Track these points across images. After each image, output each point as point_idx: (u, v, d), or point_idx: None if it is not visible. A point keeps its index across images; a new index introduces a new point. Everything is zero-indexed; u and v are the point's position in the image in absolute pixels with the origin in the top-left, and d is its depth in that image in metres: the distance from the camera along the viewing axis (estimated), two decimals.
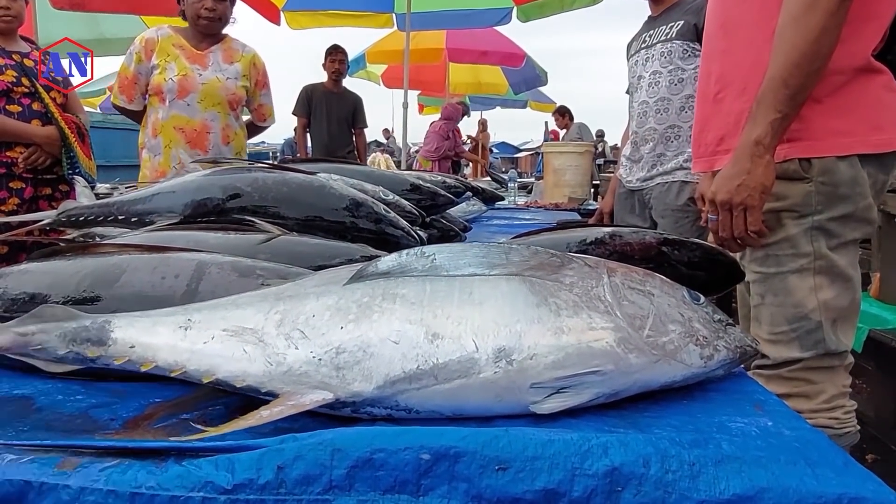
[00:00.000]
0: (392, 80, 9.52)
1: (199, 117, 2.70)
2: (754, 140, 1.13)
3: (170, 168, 2.70)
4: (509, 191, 5.19)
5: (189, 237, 1.06)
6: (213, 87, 2.71)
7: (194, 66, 2.70)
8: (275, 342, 0.67)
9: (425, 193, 1.80)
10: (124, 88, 2.77)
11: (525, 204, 4.21)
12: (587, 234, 1.28)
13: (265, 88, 2.96)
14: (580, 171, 4.42)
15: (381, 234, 1.36)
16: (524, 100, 12.04)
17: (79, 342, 0.67)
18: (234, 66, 2.79)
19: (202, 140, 2.72)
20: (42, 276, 0.84)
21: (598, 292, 0.75)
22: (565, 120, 8.95)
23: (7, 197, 2.74)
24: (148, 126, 2.76)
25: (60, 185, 2.88)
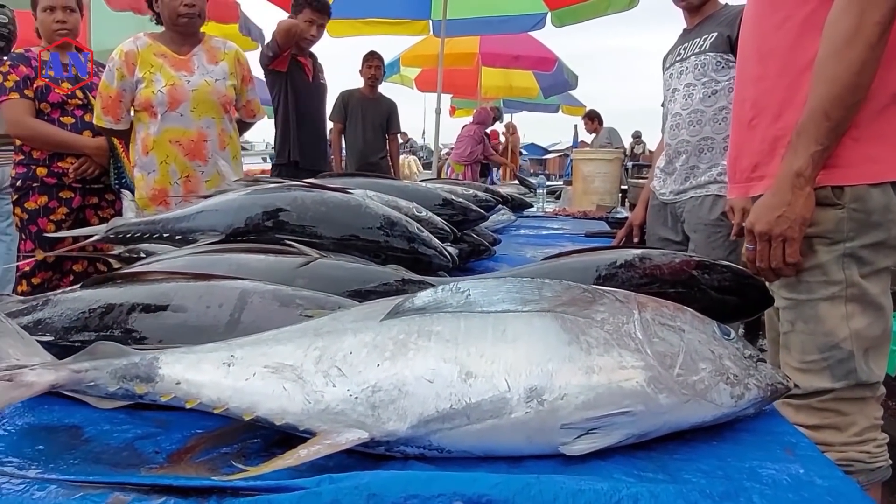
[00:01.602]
0: (425, 84, 9.58)
1: (195, 126, 2.57)
2: (795, 171, 1.14)
3: (170, 185, 2.58)
4: (538, 197, 5.19)
5: (232, 260, 1.09)
6: (203, 92, 2.58)
7: (180, 73, 2.57)
8: (313, 379, 0.69)
9: (457, 209, 1.83)
10: (109, 108, 2.60)
11: (553, 211, 4.21)
12: (617, 257, 1.29)
13: (251, 83, 2.83)
14: (609, 179, 4.41)
15: (414, 254, 1.39)
16: (556, 104, 12.02)
17: (128, 379, 0.70)
18: (220, 65, 2.66)
19: (200, 150, 2.59)
20: (93, 304, 0.88)
21: (628, 329, 0.76)
22: (594, 125, 8.90)
23: (56, 206, 2.84)
24: (137, 143, 2.62)
25: (107, 195, 2.96)
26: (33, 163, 2.81)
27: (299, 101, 3.74)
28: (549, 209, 4.52)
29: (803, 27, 1.20)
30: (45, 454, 0.74)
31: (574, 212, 4.14)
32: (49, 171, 2.80)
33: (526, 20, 6.05)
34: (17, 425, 0.81)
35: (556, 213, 4.15)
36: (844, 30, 1.10)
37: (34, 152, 2.80)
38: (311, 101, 3.81)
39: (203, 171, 2.54)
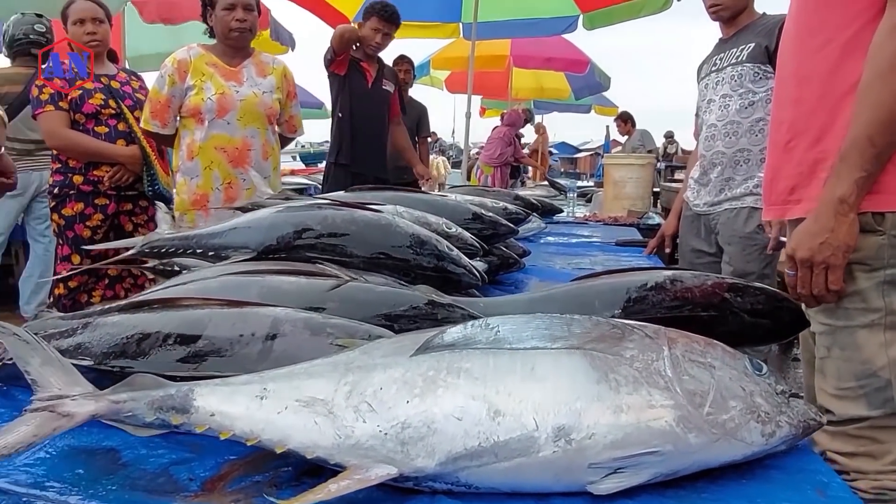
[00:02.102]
0: (455, 86, 9.57)
1: (240, 135, 2.65)
2: (838, 198, 1.12)
3: (211, 190, 2.66)
4: (568, 200, 5.16)
5: (264, 283, 1.11)
6: (250, 102, 2.66)
7: (230, 83, 2.66)
8: (344, 414, 0.70)
9: (487, 223, 1.83)
10: (157, 113, 2.69)
11: (584, 217, 4.18)
12: (647, 279, 1.28)
13: (295, 99, 2.93)
14: (641, 184, 4.37)
15: (444, 272, 1.40)
16: (588, 104, 11.92)
17: (164, 410, 0.72)
18: (268, 79, 2.75)
19: (244, 158, 2.66)
20: (131, 330, 0.91)
21: (658, 366, 0.76)
22: (627, 126, 8.81)
23: (92, 213, 2.91)
24: (182, 148, 2.71)
25: (140, 202, 3.03)
26: (70, 171, 2.88)
27: (355, 105, 3.78)
28: (580, 214, 4.49)
29: (845, 50, 1.18)
30: (84, 479, 0.77)
31: (605, 217, 4.11)
32: (85, 178, 2.87)
33: (557, 23, 6.01)
34: (58, 447, 0.84)
35: (587, 219, 4.13)
36: (890, 54, 1.08)
37: (70, 161, 2.88)
38: (368, 106, 3.84)
39: (245, 178, 2.60)
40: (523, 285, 1.99)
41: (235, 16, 2.62)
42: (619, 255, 2.63)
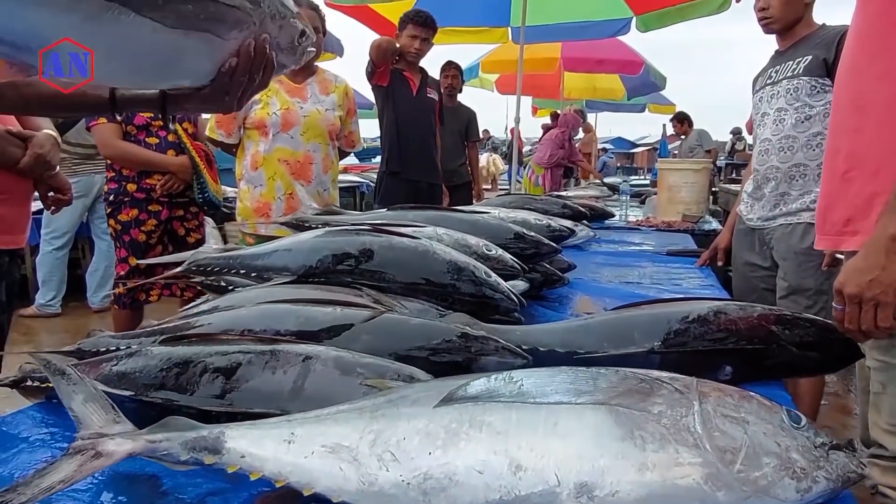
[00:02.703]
0: (505, 87, 9.52)
1: (303, 149, 2.79)
2: (890, 235, 1.08)
3: (273, 199, 2.80)
4: (621, 203, 5.06)
5: (301, 313, 1.13)
6: (314, 119, 2.80)
7: (295, 100, 2.79)
8: (368, 462, 0.71)
9: (529, 243, 1.82)
10: (222, 123, 2.83)
11: (636, 222, 4.10)
12: (690, 310, 1.25)
13: (354, 116, 3.06)
14: (696, 189, 4.25)
15: (481, 298, 1.40)
16: (642, 104, 11.70)
17: (197, 450, 0.74)
18: (331, 96, 2.89)
19: (305, 171, 2.81)
20: (170, 363, 0.94)
21: (687, 422, 0.74)
22: (684, 127, 8.59)
23: (146, 219, 3.03)
24: (246, 158, 2.84)
25: (191, 208, 3.14)
26: (123, 179, 3.01)
27: (401, 115, 3.83)
28: (633, 217, 4.40)
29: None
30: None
31: (658, 223, 4.02)
32: (138, 186, 3.00)
33: (609, 25, 5.91)
34: (104, 471, 0.87)
35: (639, 224, 4.05)
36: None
37: (124, 170, 3.00)
38: (414, 115, 3.90)
39: (306, 190, 2.70)
40: (568, 301, 1.97)
41: None
42: (670, 267, 2.57)
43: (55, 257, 4.89)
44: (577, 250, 2.85)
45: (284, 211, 2.72)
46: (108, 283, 5.10)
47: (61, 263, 4.96)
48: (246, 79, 0.93)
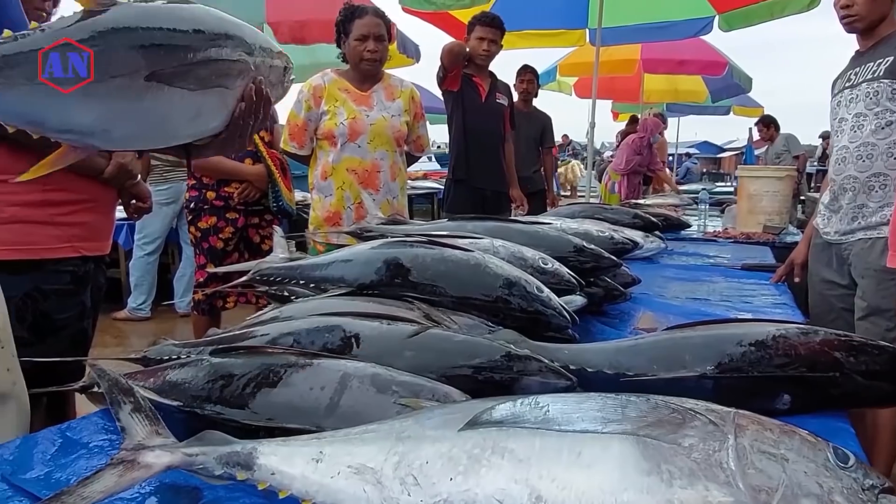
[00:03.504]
0: (584, 91, 9.37)
1: (370, 157, 2.82)
2: None
3: (343, 208, 2.86)
4: (700, 212, 4.89)
5: (347, 326, 1.16)
6: (380, 126, 2.82)
7: (361, 108, 2.83)
8: (391, 485, 0.72)
9: (588, 256, 1.79)
10: (295, 135, 2.90)
11: (713, 233, 3.95)
12: (746, 334, 1.20)
13: (422, 120, 3.07)
14: (778, 198, 4.05)
15: (532, 314, 1.38)
16: (727, 106, 11.26)
17: (231, 465, 0.77)
18: (396, 102, 2.90)
19: (373, 179, 2.84)
20: (216, 376, 0.98)
21: (720, 458, 0.71)
22: (770, 132, 8.19)
23: (224, 226, 3.17)
24: (317, 169, 2.91)
25: (266, 215, 3.26)
26: (203, 187, 3.15)
27: (469, 120, 3.85)
28: (711, 228, 4.25)
29: None
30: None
31: (736, 234, 3.87)
32: (217, 194, 3.13)
33: (690, 25, 5.73)
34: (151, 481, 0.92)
35: (716, 235, 3.90)
36: None
37: (204, 178, 3.14)
38: (482, 121, 3.89)
39: (374, 198, 2.73)
40: (629, 317, 1.92)
41: (367, 47, 2.80)
42: (743, 283, 2.46)
43: (146, 262, 5.16)
44: (646, 263, 2.78)
45: (354, 220, 2.78)
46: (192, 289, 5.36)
47: (152, 268, 5.22)
48: (252, 119, 1.05)
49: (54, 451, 1.03)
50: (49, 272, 2.02)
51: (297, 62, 4.20)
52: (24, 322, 2.01)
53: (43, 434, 1.10)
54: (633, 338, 1.34)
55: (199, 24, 0.95)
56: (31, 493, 0.89)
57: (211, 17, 0.99)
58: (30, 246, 1.97)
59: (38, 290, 2.01)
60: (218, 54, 0.96)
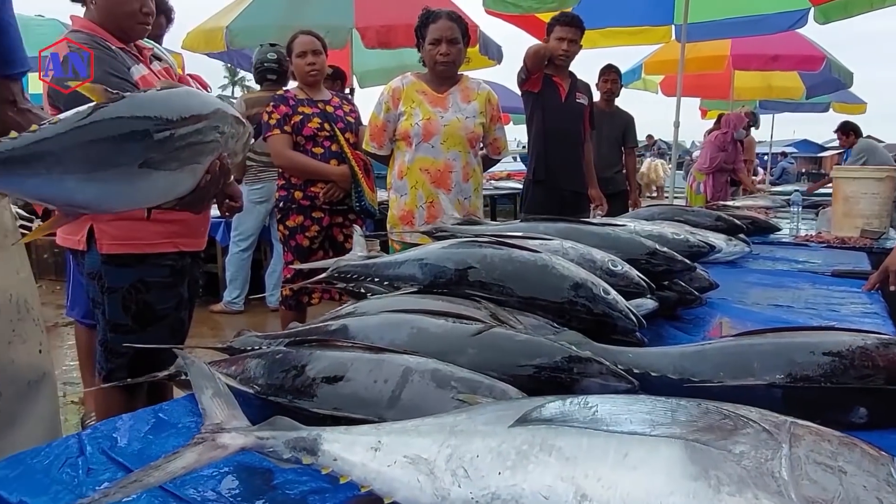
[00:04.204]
0: (670, 89, 9.07)
1: (443, 158, 2.90)
2: None
3: (416, 208, 2.95)
4: (792, 215, 4.67)
5: (414, 324, 1.20)
6: (453, 127, 2.89)
7: (436, 110, 2.91)
8: (443, 476, 0.76)
9: (661, 259, 1.76)
10: (374, 136, 3.03)
11: (805, 237, 3.77)
12: (821, 342, 1.16)
13: (499, 123, 3.11)
14: (878, 200, 3.81)
15: (599, 316, 1.39)
16: (825, 102, 10.65)
17: (297, 450, 0.83)
18: (472, 104, 2.96)
19: (445, 179, 2.91)
20: (289, 366, 1.05)
21: (772, 466, 0.71)
22: (850, 139, 7.64)
23: (310, 224, 3.30)
24: (395, 168, 3.02)
25: (349, 215, 3.38)
26: (291, 187, 3.29)
27: (548, 120, 3.85)
28: (804, 232, 4.05)
29: None
30: (239, 496, 0.91)
31: (831, 239, 3.67)
32: (304, 194, 3.27)
33: (783, 19, 5.47)
34: (229, 462, 0.99)
35: (808, 240, 3.72)
36: None
37: (292, 178, 3.29)
38: (562, 121, 3.89)
39: (446, 198, 2.81)
40: (704, 323, 1.89)
41: (440, 50, 2.90)
42: (832, 290, 2.35)
43: (240, 258, 5.43)
44: (728, 267, 2.70)
45: (426, 219, 2.85)
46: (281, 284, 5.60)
47: (245, 264, 5.48)
48: (213, 186, 1.22)
49: (147, 429, 1.13)
50: (151, 265, 2.18)
51: (383, 65, 4.53)
52: (128, 311, 2.19)
53: (139, 414, 1.20)
54: (700, 343, 1.32)
55: (187, 110, 1.11)
56: (126, 465, 0.99)
57: (197, 101, 1.16)
58: (134, 241, 2.13)
59: (141, 282, 2.18)
60: (199, 137, 1.13)
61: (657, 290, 1.70)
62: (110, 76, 1.88)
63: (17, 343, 1.27)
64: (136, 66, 2.04)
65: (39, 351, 1.34)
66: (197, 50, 5.92)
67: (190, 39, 5.91)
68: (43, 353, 1.36)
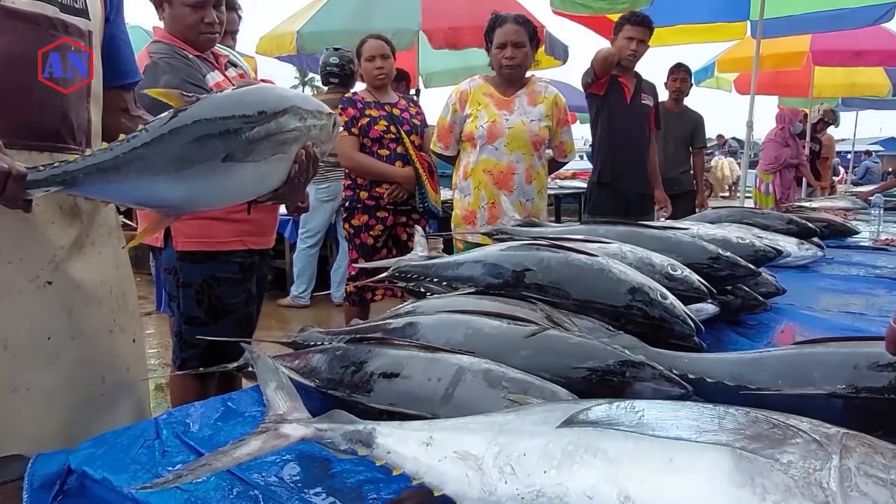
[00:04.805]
0: (745, 87, 8.77)
1: (506, 160, 2.93)
2: None
3: (478, 208, 2.99)
4: (873, 218, 4.46)
5: (470, 324, 1.23)
6: (518, 130, 2.92)
7: (501, 112, 2.94)
8: (490, 472, 0.79)
9: (723, 264, 1.74)
10: (441, 136, 3.10)
11: (885, 241, 3.60)
12: (884, 353, 1.12)
13: (566, 126, 3.11)
14: None
15: (655, 321, 1.38)
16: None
17: (354, 442, 0.87)
18: (538, 107, 2.97)
19: (507, 181, 2.94)
20: (349, 362, 1.10)
21: (820, 477, 0.70)
22: None
23: (374, 224, 3.38)
24: (460, 169, 3.07)
25: (413, 215, 3.44)
26: (357, 187, 3.38)
27: (614, 123, 3.82)
28: (885, 236, 3.87)
29: None
30: (300, 482, 0.97)
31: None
32: (369, 194, 3.35)
33: (867, 13, 5.20)
34: (292, 450, 1.05)
35: (889, 244, 3.56)
36: None
37: (358, 179, 3.38)
38: (627, 122, 3.86)
39: (508, 200, 2.84)
40: (768, 328, 1.84)
41: (506, 54, 2.95)
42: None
43: (308, 254, 5.60)
44: (799, 271, 2.61)
45: (487, 220, 2.89)
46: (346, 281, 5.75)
47: (312, 260, 5.65)
48: (303, 176, 1.25)
49: (217, 416, 1.21)
50: (222, 262, 2.30)
51: (450, 66, 4.60)
52: (201, 304, 2.31)
53: (210, 402, 1.28)
54: (759, 350, 1.31)
55: (263, 105, 1.16)
56: (197, 449, 1.06)
57: (272, 96, 1.20)
58: (207, 239, 2.25)
59: (213, 278, 2.30)
60: (278, 128, 1.17)
61: (720, 294, 1.68)
62: (187, 83, 1.99)
63: (116, 332, 1.37)
64: (212, 73, 2.14)
65: (133, 340, 1.44)
66: (269, 54, 6.13)
67: (263, 44, 6.12)
68: (137, 342, 1.46)
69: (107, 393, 1.33)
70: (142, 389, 1.47)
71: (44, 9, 1.15)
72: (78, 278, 1.27)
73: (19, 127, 1.15)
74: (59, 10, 1.17)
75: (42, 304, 1.22)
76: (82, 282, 1.28)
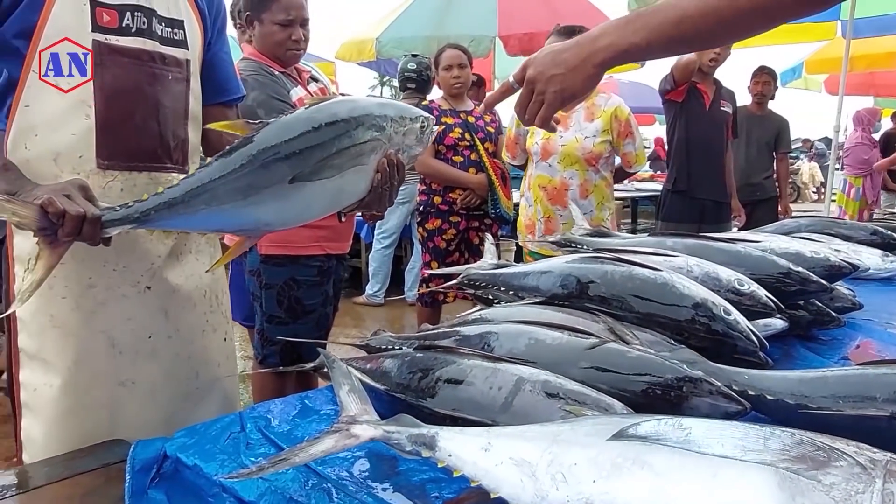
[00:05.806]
0: (836, 88, 8.43)
1: (559, 176, 3.01)
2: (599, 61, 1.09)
3: (536, 221, 3.11)
4: None
5: (532, 335, 1.28)
6: (571, 147, 2.99)
7: (558, 129, 2.95)
8: (543, 479, 0.84)
9: (794, 279, 1.72)
10: (508, 147, 3.24)
11: None
12: None
13: (629, 137, 3.11)
14: None
15: (717, 336, 1.40)
16: None
17: (418, 444, 0.95)
18: (594, 123, 3.01)
19: (561, 196, 3.02)
20: (415, 368, 1.17)
21: (861, 500, 0.72)
22: None
23: (448, 228, 3.48)
24: (525, 179, 3.19)
25: (485, 220, 3.52)
26: (431, 192, 3.49)
27: (691, 130, 3.79)
28: None
29: None
30: (369, 477, 1.05)
31: None
32: (443, 199, 3.45)
33: None
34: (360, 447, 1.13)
35: None
36: None
37: (433, 184, 3.48)
38: (705, 130, 3.82)
39: (562, 214, 2.89)
40: (841, 345, 1.80)
41: None
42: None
43: (383, 254, 5.76)
44: (882, 285, 2.51)
45: (543, 232, 2.96)
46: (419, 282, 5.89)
47: (387, 260, 5.82)
48: (388, 184, 1.26)
49: (295, 413, 1.31)
50: (301, 265, 2.44)
51: None
52: (281, 305, 2.46)
53: (289, 399, 1.39)
54: (824, 368, 1.30)
55: (331, 119, 1.16)
56: (277, 443, 1.16)
57: (343, 110, 1.20)
58: (288, 244, 2.39)
59: (293, 280, 2.44)
60: (351, 141, 1.18)
61: (791, 309, 1.67)
62: (273, 99, 2.13)
63: (209, 332, 1.50)
64: (295, 88, 2.28)
65: (224, 339, 1.57)
66: (349, 60, 6.33)
67: (343, 50, 6.33)
68: (227, 341, 1.60)
69: (200, 387, 1.46)
70: (230, 383, 1.60)
71: (144, 44, 1.28)
72: (174, 283, 1.41)
73: (121, 151, 1.28)
74: (158, 44, 1.30)
75: (143, 307, 1.35)
76: (178, 286, 1.41)
